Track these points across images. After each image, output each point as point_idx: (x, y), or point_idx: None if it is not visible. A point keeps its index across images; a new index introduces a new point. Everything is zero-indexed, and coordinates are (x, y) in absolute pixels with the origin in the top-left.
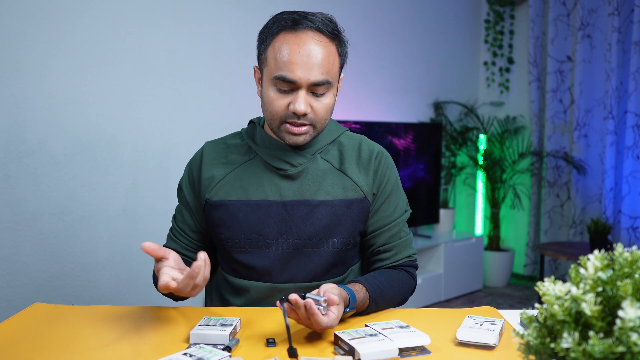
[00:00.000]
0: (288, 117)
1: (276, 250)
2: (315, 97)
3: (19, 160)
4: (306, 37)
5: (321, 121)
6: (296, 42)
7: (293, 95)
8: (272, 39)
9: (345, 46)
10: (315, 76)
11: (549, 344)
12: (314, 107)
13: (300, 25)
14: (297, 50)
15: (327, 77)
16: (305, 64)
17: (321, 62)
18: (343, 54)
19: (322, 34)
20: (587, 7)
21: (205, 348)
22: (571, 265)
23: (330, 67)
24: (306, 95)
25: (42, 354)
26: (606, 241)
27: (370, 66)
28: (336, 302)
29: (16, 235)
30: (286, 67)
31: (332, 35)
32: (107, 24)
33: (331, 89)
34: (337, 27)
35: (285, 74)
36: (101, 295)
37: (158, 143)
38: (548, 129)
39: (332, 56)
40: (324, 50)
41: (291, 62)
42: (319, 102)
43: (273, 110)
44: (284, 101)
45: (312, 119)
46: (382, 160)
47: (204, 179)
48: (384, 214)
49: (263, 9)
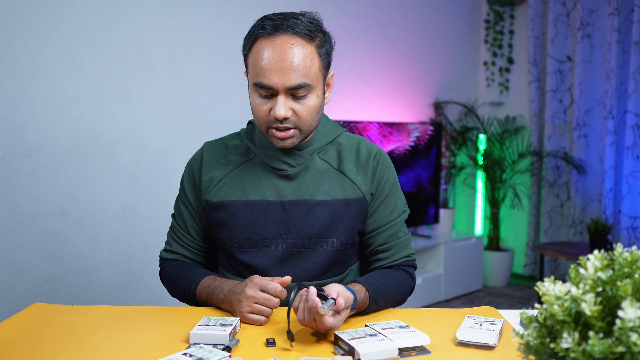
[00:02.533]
0: (271, 122)
1: (275, 249)
2: (296, 100)
3: (19, 160)
4: (280, 42)
5: (306, 123)
6: (270, 48)
7: (273, 101)
8: (251, 45)
9: (327, 44)
10: (290, 80)
11: (548, 344)
12: (296, 110)
13: (277, 30)
14: (271, 57)
15: (304, 80)
16: (279, 70)
17: (296, 65)
18: (324, 52)
19: (297, 36)
20: (587, 7)
21: (205, 348)
22: (571, 265)
23: (307, 69)
24: (285, 99)
25: (42, 354)
26: (606, 241)
27: (371, 66)
28: (341, 307)
29: (16, 235)
30: (262, 73)
31: (309, 35)
32: (107, 24)
33: (313, 90)
34: (316, 26)
35: (261, 81)
36: (101, 295)
37: (158, 143)
38: (548, 129)
39: (309, 57)
40: (298, 53)
41: (266, 69)
42: (300, 104)
43: (258, 116)
44: (266, 107)
45: (295, 122)
46: (380, 161)
47: (204, 180)
48: (383, 213)
49: (263, 9)
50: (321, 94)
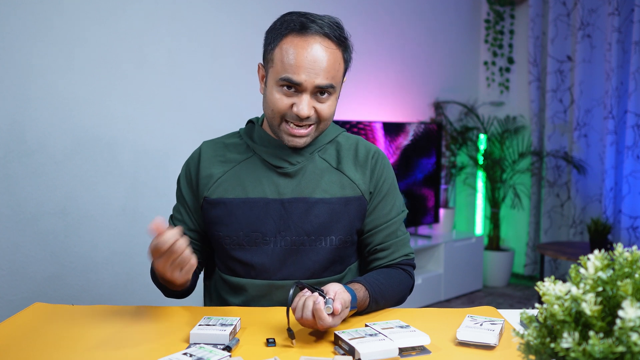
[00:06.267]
0: (290, 117)
1: (274, 247)
2: (318, 99)
3: (19, 160)
4: (313, 42)
5: (323, 123)
6: (303, 47)
7: (297, 98)
8: (280, 40)
9: (350, 52)
10: (320, 80)
11: (549, 344)
12: (318, 110)
13: (309, 29)
14: (304, 55)
15: (331, 82)
16: (311, 68)
17: (327, 67)
18: (348, 59)
19: (329, 39)
20: (587, 7)
21: (205, 348)
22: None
23: (335, 72)
24: (310, 98)
25: (42, 354)
26: (606, 241)
27: (371, 66)
28: (338, 312)
29: (16, 235)
30: (292, 69)
31: (339, 41)
32: (107, 23)
33: (334, 93)
34: (343, 32)
35: (291, 76)
36: (101, 295)
37: (158, 143)
38: (548, 129)
39: (337, 62)
40: (330, 56)
41: (297, 66)
42: (322, 105)
43: (275, 108)
44: (287, 101)
45: (314, 120)
46: (378, 160)
47: (202, 177)
48: (381, 212)
49: (263, 9)
50: (338, 97)
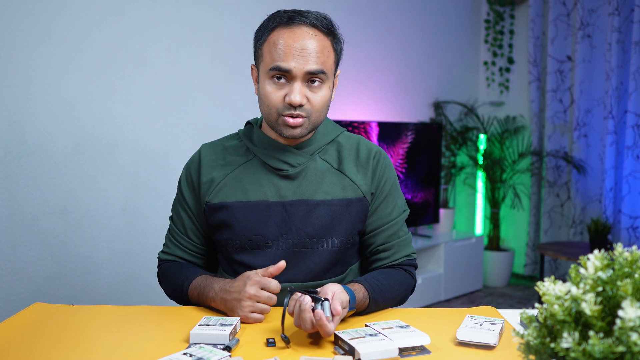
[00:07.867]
0: (284, 109)
1: (276, 250)
2: (310, 89)
3: (19, 160)
4: (300, 32)
5: (316, 113)
6: (291, 36)
7: (289, 87)
8: (268, 34)
9: (340, 42)
10: (310, 66)
11: (549, 344)
12: (310, 99)
13: (295, 20)
14: (292, 43)
15: (321, 67)
16: (300, 55)
17: (316, 53)
18: (338, 49)
19: (316, 28)
20: (587, 7)
21: (205, 348)
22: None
23: (325, 59)
24: (301, 86)
25: (42, 354)
26: (606, 241)
27: (370, 66)
28: (339, 314)
29: (16, 235)
30: (281, 58)
31: (327, 30)
32: (107, 23)
33: (326, 81)
34: (331, 23)
35: (280, 64)
36: (101, 295)
37: (158, 143)
38: (548, 129)
39: (326, 49)
40: (319, 43)
41: (286, 53)
42: (314, 94)
43: (270, 103)
44: (280, 93)
45: (307, 110)
46: (380, 160)
47: (204, 182)
48: (383, 213)
49: (263, 9)
50: (331, 88)
